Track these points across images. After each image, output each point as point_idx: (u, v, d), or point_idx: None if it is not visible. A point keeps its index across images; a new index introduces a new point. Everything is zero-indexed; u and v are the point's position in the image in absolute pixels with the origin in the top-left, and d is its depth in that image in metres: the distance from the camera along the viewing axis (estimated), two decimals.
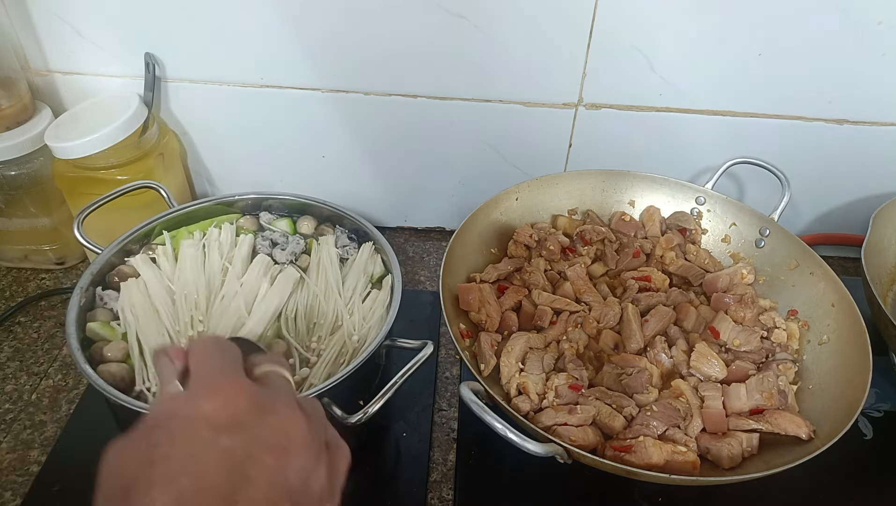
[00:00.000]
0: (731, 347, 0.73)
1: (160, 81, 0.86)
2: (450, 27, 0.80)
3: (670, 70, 0.84)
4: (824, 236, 1.00)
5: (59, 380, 0.77)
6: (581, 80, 0.85)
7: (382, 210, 1.01)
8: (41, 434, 0.72)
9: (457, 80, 0.86)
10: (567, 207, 0.89)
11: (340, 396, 0.60)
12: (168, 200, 0.79)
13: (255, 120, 0.90)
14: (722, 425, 0.66)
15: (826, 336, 0.74)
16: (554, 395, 0.67)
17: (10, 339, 0.82)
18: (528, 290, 0.79)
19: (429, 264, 0.98)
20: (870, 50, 0.81)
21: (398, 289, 0.70)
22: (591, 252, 0.84)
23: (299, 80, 0.86)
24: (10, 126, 0.81)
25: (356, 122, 0.90)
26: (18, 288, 0.89)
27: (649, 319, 0.74)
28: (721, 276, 0.81)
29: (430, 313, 0.88)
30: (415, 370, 0.62)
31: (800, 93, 0.86)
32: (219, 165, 0.97)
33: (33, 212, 0.87)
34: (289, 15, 0.80)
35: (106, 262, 0.71)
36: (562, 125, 0.90)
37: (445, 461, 0.72)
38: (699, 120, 0.89)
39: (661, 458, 0.61)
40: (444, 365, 0.83)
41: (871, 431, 0.76)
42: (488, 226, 0.84)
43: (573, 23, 0.80)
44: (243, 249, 0.75)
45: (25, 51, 0.85)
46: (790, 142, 0.90)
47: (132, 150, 0.83)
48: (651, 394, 0.67)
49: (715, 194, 0.87)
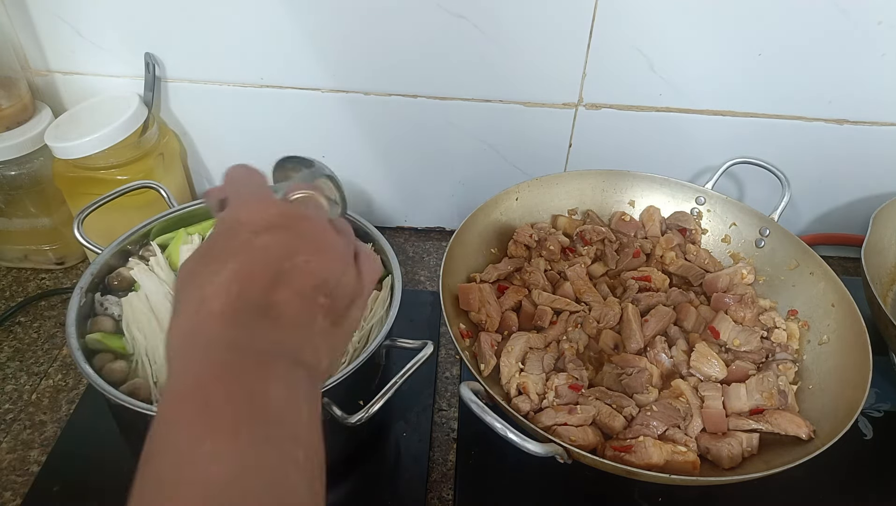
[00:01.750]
0: (731, 347, 0.73)
1: (160, 81, 0.86)
2: (450, 27, 0.80)
3: (670, 70, 0.84)
4: (824, 236, 1.00)
5: (59, 380, 0.77)
6: (581, 80, 0.85)
7: (382, 210, 1.01)
8: (41, 434, 0.72)
9: (457, 80, 0.86)
10: (567, 207, 0.89)
11: (340, 396, 0.59)
12: (168, 200, 0.79)
13: (255, 120, 0.90)
14: (722, 425, 0.66)
15: (826, 336, 0.74)
16: (554, 395, 0.67)
17: (10, 339, 0.82)
18: (528, 290, 0.79)
19: (429, 264, 0.98)
20: (870, 50, 0.81)
21: (398, 289, 0.70)
22: (591, 252, 0.84)
23: (299, 81, 0.86)
24: (10, 126, 0.81)
25: (356, 123, 0.90)
26: (18, 288, 0.89)
27: (649, 319, 0.74)
28: (721, 276, 0.81)
29: (430, 313, 0.88)
30: (415, 370, 0.62)
31: (800, 93, 0.86)
32: (219, 165, 0.97)
33: (33, 212, 0.87)
34: (289, 15, 0.80)
35: (106, 262, 0.71)
36: (562, 125, 0.90)
37: (445, 461, 0.72)
38: (699, 120, 0.89)
39: (661, 458, 0.61)
40: (444, 365, 0.83)
41: (871, 431, 0.76)
42: (488, 226, 0.84)
43: (573, 23, 0.80)
44: None
45: (25, 51, 0.85)
46: (790, 142, 0.90)
47: (132, 150, 0.83)
48: (651, 394, 0.67)
49: (715, 194, 0.87)
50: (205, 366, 0.34)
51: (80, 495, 0.66)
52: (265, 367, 0.34)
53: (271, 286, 0.36)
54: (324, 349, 0.39)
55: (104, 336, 0.65)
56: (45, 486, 0.66)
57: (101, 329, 0.66)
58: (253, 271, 0.36)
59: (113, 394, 0.57)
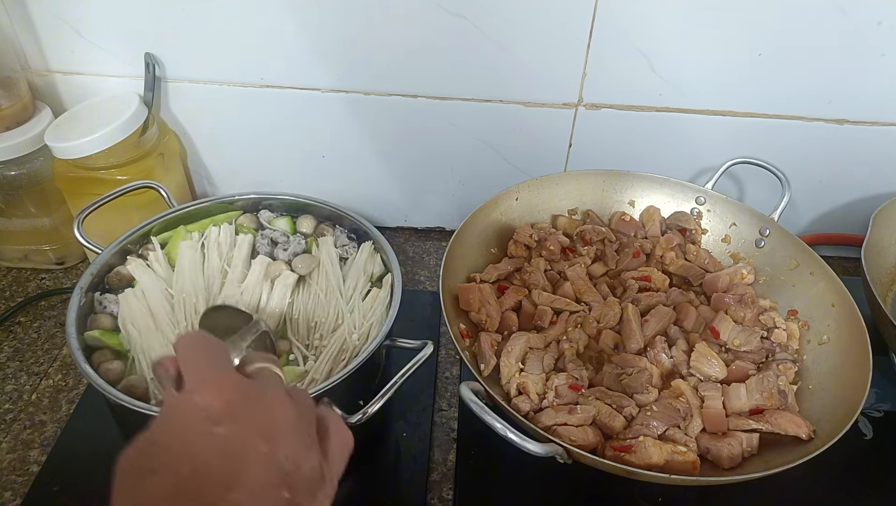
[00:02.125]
0: (731, 347, 0.73)
1: (160, 81, 0.86)
2: (450, 27, 0.80)
3: (670, 70, 0.84)
4: (824, 236, 1.00)
5: (59, 380, 0.77)
6: (581, 80, 0.85)
7: (382, 210, 1.01)
8: (41, 434, 0.72)
9: (457, 80, 0.86)
10: (567, 207, 0.89)
11: (340, 395, 0.60)
12: (168, 200, 0.79)
13: (255, 120, 0.90)
14: (722, 425, 0.66)
15: (826, 336, 0.74)
16: (554, 395, 0.67)
17: (10, 339, 0.82)
18: (528, 290, 0.79)
19: (429, 264, 0.98)
20: (870, 50, 0.81)
21: (398, 289, 0.70)
22: (591, 252, 0.84)
23: (299, 81, 0.86)
24: (10, 126, 0.81)
25: (356, 123, 0.90)
26: (18, 288, 0.89)
27: (649, 319, 0.74)
28: (721, 276, 0.81)
29: (430, 313, 0.88)
30: (415, 370, 0.62)
31: (800, 93, 0.86)
32: (219, 164, 0.97)
33: (33, 212, 0.87)
34: (289, 15, 0.80)
35: (106, 262, 0.71)
36: (562, 125, 0.90)
37: (445, 461, 0.72)
38: (699, 120, 0.89)
39: (661, 458, 0.61)
40: (444, 365, 0.82)
41: (871, 431, 0.76)
42: (488, 226, 0.84)
43: (573, 23, 0.80)
44: (243, 249, 0.75)
45: (25, 51, 0.85)
46: (790, 142, 0.90)
47: (132, 150, 0.83)
48: (651, 394, 0.67)
49: (715, 194, 0.87)
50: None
51: (80, 495, 0.66)
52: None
53: (227, 481, 0.33)
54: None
55: (102, 333, 0.65)
56: (45, 486, 0.66)
57: (100, 326, 0.66)
58: (208, 470, 0.33)
59: (113, 394, 0.57)
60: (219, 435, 0.34)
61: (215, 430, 0.34)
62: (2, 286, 0.89)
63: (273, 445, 0.35)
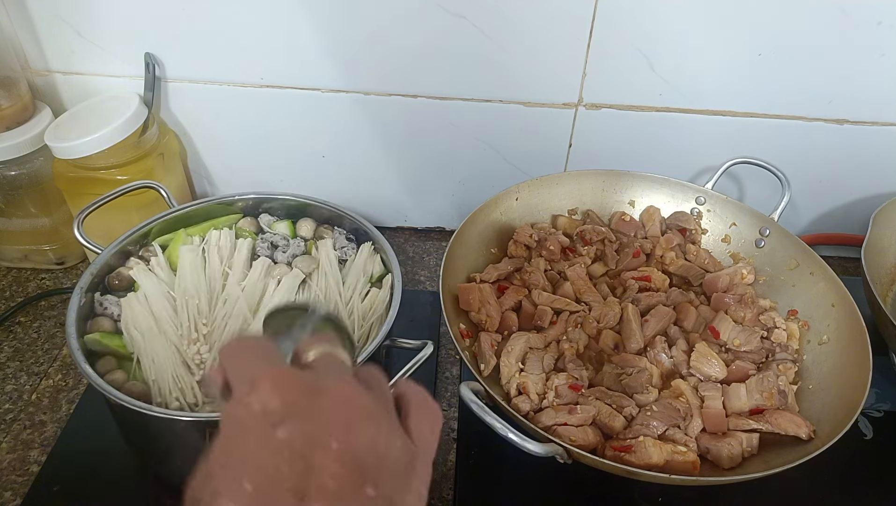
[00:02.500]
0: (731, 347, 0.73)
1: (160, 81, 0.86)
2: (450, 27, 0.80)
3: (670, 70, 0.84)
4: (824, 236, 1.00)
5: (59, 380, 0.77)
6: (581, 80, 0.85)
7: (382, 210, 1.01)
8: (41, 434, 0.72)
9: (457, 80, 0.86)
10: (567, 207, 0.89)
11: None
12: (168, 200, 0.79)
13: (255, 120, 0.90)
14: (722, 425, 0.66)
15: (826, 336, 0.74)
16: (554, 395, 0.67)
17: (10, 339, 0.82)
18: (528, 290, 0.79)
19: (429, 264, 0.98)
20: (870, 50, 0.81)
21: (398, 289, 0.70)
22: (591, 252, 0.84)
23: (299, 81, 0.86)
24: (10, 126, 0.81)
25: (356, 123, 0.90)
26: (18, 288, 0.89)
27: (649, 319, 0.74)
28: (721, 276, 0.81)
29: (430, 313, 0.88)
30: (415, 370, 0.62)
31: (800, 93, 0.86)
32: (219, 164, 0.97)
33: (33, 212, 0.87)
34: (288, 15, 0.80)
35: (106, 262, 0.71)
36: (562, 125, 0.90)
37: (445, 461, 0.72)
38: (699, 120, 0.89)
39: (661, 458, 0.61)
40: (444, 365, 0.83)
41: (871, 431, 0.76)
42: (488, 226, 0.84)
43: (573, 23, 0.80)
44: (242, 252, 0.75)
45: (25, 51, 0.85)
46: (790, 142, 0.90)
47: (132, 150, 0.83)
48: (651, 394, 0.67)
49: (715, 194, 0.87)
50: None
51: (80, 495, 0.66)
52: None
53: (300, 488, 0.30)
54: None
55: (103, 336, 0.65)
56: (45, 486, 0.66)
57: (100, 329, 0.66)
58: (276, 481, 0.30)
59: (113, 394, 0.57)
60: (282, 439, 0.31)
61: (277, 433, 0.31)
62: (2, 286, 0.89)
63: (346, 439, 0.31)
